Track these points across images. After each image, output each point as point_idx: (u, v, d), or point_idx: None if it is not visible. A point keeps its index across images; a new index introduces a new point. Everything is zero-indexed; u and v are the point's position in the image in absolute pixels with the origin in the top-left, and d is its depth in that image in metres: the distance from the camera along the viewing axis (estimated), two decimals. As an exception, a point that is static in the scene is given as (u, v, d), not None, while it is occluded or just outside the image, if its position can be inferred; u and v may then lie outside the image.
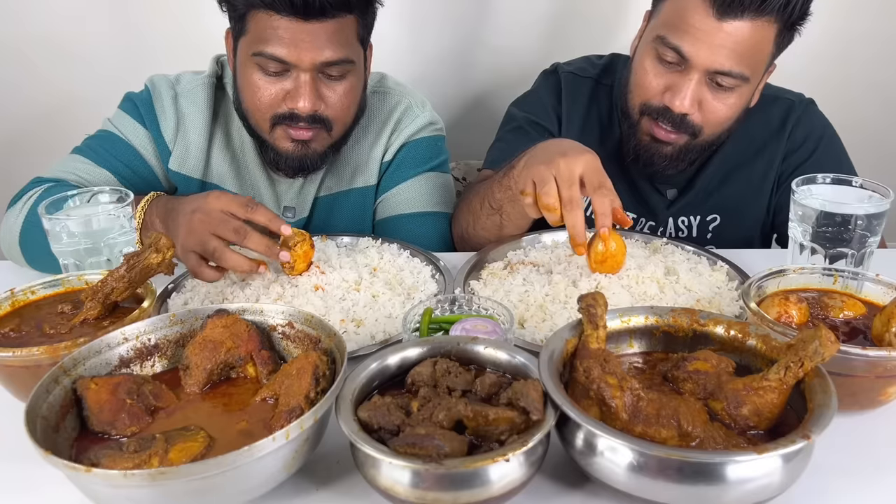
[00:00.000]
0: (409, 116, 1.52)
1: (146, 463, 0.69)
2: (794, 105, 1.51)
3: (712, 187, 1.52)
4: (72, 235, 1.08)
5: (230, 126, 1.49)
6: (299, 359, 0.80)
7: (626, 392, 0.74)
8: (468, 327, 0.91)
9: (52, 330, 0.93)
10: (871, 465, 0.81)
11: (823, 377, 0.74)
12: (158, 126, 1.44)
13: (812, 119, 1.52)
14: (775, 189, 1.53)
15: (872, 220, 1.09)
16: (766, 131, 1.50)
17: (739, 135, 1.48)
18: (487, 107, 2.22)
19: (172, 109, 1.44)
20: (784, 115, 1.50)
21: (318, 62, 1.26)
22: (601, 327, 0.81)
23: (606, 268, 1.13)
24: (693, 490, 0.67)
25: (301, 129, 1.32)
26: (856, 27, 2.23)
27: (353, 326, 1.06)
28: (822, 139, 1.50)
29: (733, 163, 1.51)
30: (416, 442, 0.68)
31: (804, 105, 1.52)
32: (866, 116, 2.33)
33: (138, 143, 1.44)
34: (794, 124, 1.49)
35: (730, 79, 1.30)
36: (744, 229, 1.54)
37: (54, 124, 2.21)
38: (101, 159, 1.41)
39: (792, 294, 0.97)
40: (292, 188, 1.50)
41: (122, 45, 2.12)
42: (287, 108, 1.30)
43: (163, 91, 1.45)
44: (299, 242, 1.12)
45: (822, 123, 1.53)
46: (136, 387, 0.80)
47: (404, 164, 1.52)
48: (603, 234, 1.09)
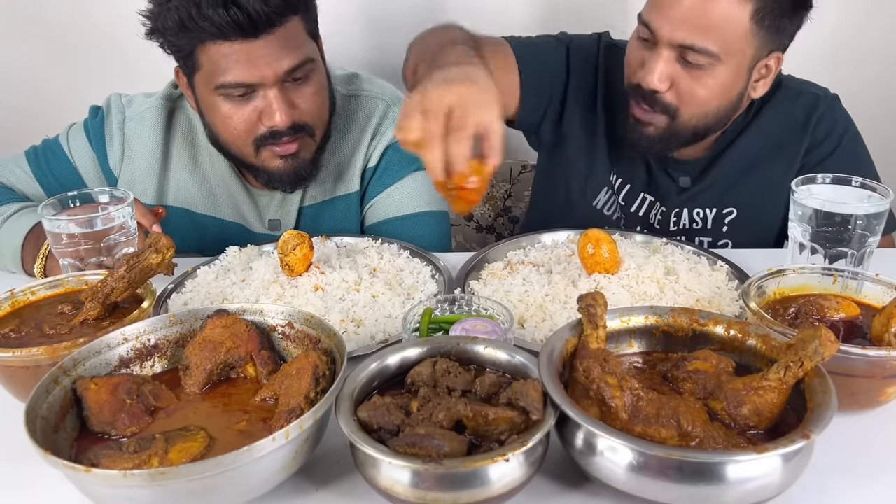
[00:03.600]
0: (389, 119, 1.49)
1: (146, 463, 0.69)
2: (818, 100, 1.47)
3: (730, 180, 1.48)
4: (72, 236, 1.08)
5: (196, 147, 1.46)
6: (299, 359, 0.81)
7: (626, 392, 0.74)
8: (468, 327, 0.91)
9: (52, 330, 0.93)
10: (870, 465, 0.81)
11: (823, 377, 0.74)
12: (105, 151, 1.44)
13: (836, 115, 1.47)
14: None
15: (872, 220, 1.09)
16: (788, 126, 1.46)
17: (759, 128, 1.45)
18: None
19: (119, 134, 1.43)
20: (808, 110, 1.46)
21: (282, 73, 1.24)
22: (601, 327, 0.81)
23: (599, 269, 1.13)
24: (693, 490, 0.67)
25: (286, 144, 1.30)
26: (856, 25, 2.23)
27: (353, 326, 1.06)
28: (844, 136, 1.46)
29: (753, 157, 1.47)
30: (415, 442, 0.68)
31: (829, 101, 1.48)
32: (866, 116, 2.33)
33: (83, 165, 1.44)
34: (817, 120, 1.45)
35: (698, 55, 1.27)
36: (762, 224, 1.50)
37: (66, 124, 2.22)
38: (40, 172, 1.42)
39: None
40: (274, 200, 1.48)
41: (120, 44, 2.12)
42: (265, 127, 1.27)
43: (113, 113, 1.44)
44: (298, 245, 1.12)
45: (846, 120, 1.49)
46: (135, 387, 0.80)
47: (391, 168, 1.48)
48: (591, 234, 1.11)
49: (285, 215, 1.50)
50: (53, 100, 2.20)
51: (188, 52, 1.24)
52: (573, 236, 1.32)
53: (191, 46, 1.23)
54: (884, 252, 1.18)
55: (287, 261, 1.12)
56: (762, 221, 1.49)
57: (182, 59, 1.27)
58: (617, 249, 1.14)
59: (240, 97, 1.25)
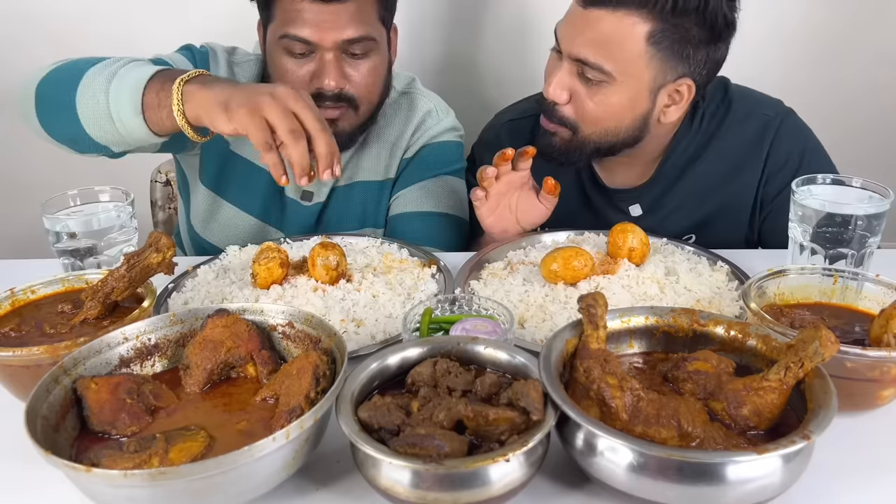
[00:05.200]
0: (434, 118, 1.56)
1: (146, 463, 0.69)
2: (769, 121, 1.43)
3: (686, 206, 1.46)
4: (72, 235, 1.08)
5: None
6: (299, 359, 0.80)
7: (626, 392, 0.74)
8: (468, 327, 0.91)
9: (52, 329, 0.93)
10: (871, 466, 0.81)
11: (823, 377, 0.74)
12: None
13: (792, 134, 1.44)
14: (758, 211, 1.46)
15: (872, 221, 1.09)
16: (741, 149, 1.44)
17: (715, 152, 1.43)
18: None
19: (226, 73, 1.46)
20: (760, 133, 1.43)
21: (341, 40, 1.31)
22: (601, 327, 0.81)
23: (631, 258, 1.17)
24: (693, 490, 0.67)
25: (328, 109, 1.35)
26: (854, 30, 2.24)
27: (353, 326, 1.06)
28: (804, 154, 1.43)
29: (708, 182, 1.45)
30: (416, 442, 0.68)
31: (780, 119, 1.43)
32: (866, 117, 2.34)
33: None
34: (771, 143, 1.42)
35: (592, 71, 1.27)
36: (724, 245, 1.45)
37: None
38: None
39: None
40: None
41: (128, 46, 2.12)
42: (314, 87, 1.34)
43: (219, 54, 1.48)
44: (271, 259, 1.11)
45: (803, 137, 1.45)
46: (136, 386, 0.80)
47: (423, 164, 1.54)
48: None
49: (319, 189, 1.53)
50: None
51: (267, 2, 1.35)
52: (573, 236, 1.32)
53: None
54: (884, 252, 1.18)
55: (252, 269, 1.12)
56: (724, 243, 1.43)
57: (262, 7, 1.38)
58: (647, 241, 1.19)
59: (300, 55, 1.33)
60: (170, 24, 2.08)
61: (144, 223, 1.57)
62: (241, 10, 2.06)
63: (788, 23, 2.21)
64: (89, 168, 2.38)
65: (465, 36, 2.18)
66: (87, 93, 1.15)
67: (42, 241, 1.17)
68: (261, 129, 1.02)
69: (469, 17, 2.16)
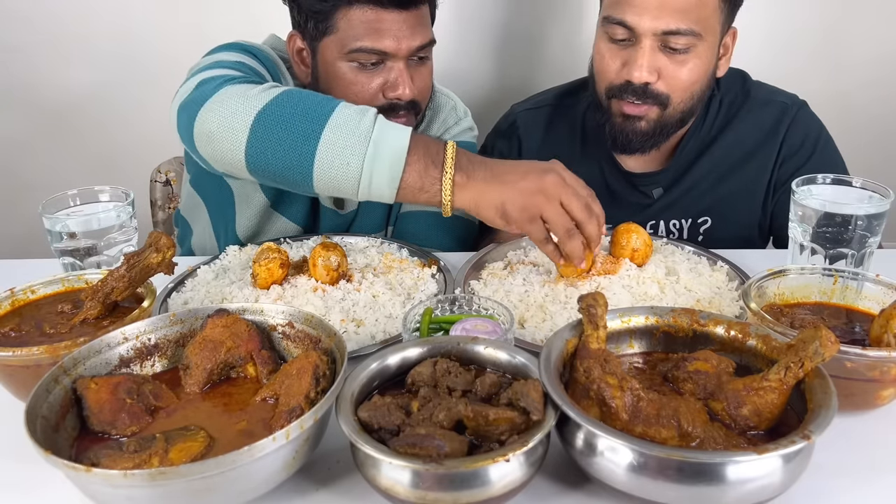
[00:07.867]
0: (454, 116, 1.57)
1: (146, 463, 0.69)
2: (787, 108, 1.49)
3: (703, 188, 1.51)
4: (72, 235, 1.08)
5: None
6: (299, 359, 0.80)
7: (627, 392, 0.74)
8: (468, 327, 0.91)
9: (52, 329, 0.93)
10: (871, 466, 0.81)
11: (823, 377, 0.74)
12: (280, 80, 1.37)
13: (807, 122, 1.50)
14: (771, 194, 1.51)
15: (872, 221, 1.09)
16: (758, 134, 1.49)
17: (731, 137, 1.48)
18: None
19: (285, 80, 1.39)
20: (777, 118, 1.49)
21: (414, 48, 1.31)
22: (601, 327, 0.80)
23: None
24: (693, 490, 0.67)
25: (401, 118, 1.34)
26: (855, 28, 2.24)
27: (353, 326, 1.06)
28: (818, 141, 1.49)
29: (725, 165, 1.50)
30: (416, 442, 0.68)
31: (797, 108, 1.50)
32: (866, 117, 2.34)
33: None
34: (787, 128, 1.48)
35: (681, 38, 1.29)
36: (737, 232, 1.52)
37: (66, 123, 2.23)
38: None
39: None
40: None
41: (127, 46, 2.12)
42: (387, 98, 1.33)
43: (276, 61, 1.39)
44: (271, 259, 1.11)
45: (818, 126, 1.51)
46: (136, 386, 0.80)
47: None
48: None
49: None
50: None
51: (326, 14, 1.28)
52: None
53: (332, 8, 1.27)
54: (884, 252, 1.18)
55: (252, 269, 1.12)
56: (737, 229, 1.51)
57: (315, 20, 1.30)
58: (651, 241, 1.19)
59: (371, 65, 1.30)
60: (169, 23, 2.08)
61: (144, 223, 1.57)
62: (241, 8, 2.07)
63: (789, 23, 2.21)
64: (89, 168, 2.39)
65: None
66: (334, 150, 1.02)
67: (42, 241, 1.17)
68: (540, 231, 1.06)
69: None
